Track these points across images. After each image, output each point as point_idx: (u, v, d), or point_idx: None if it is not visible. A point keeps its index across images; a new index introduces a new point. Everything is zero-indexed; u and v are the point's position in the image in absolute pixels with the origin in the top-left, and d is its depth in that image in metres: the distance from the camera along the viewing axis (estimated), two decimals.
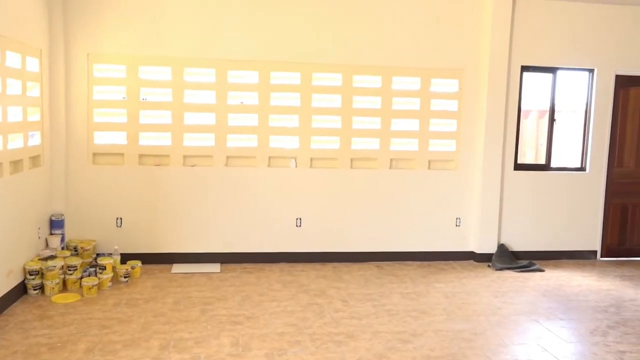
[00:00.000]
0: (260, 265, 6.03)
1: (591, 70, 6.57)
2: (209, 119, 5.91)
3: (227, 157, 5.97)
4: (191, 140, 5.91)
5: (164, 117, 5.83)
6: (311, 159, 6.11)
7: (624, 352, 4.01)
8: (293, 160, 6.09)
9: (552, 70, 6.50)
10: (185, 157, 5.90)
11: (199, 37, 5.79)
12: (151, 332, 4.11)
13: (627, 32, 6.52)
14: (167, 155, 5.88)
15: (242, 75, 5.92)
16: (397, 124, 6.23)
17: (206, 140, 5.93)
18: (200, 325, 4.26)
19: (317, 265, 6.09)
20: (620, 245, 6.82)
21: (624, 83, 6.62)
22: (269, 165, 6.05)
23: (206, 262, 5.97)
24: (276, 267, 5.96)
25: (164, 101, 5.82)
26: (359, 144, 6.20)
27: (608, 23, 6.47)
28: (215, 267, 5.85)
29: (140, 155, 5.83)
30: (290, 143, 6.08)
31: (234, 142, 5.98)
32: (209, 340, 3.99)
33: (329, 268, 6.01)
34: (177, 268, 5.79)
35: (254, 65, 5.90)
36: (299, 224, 6.15)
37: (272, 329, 4.23)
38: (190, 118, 5.87)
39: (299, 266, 6.04)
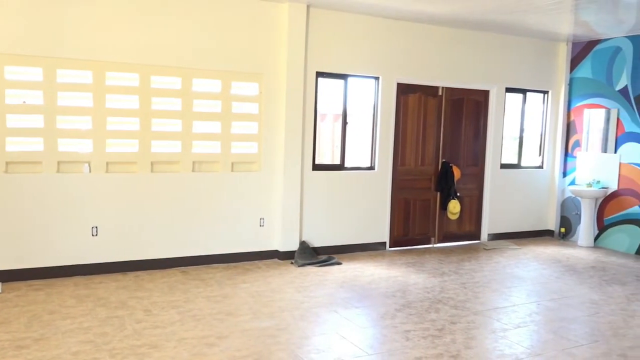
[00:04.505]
0: (51, 280, 5.49)
1: (377, 78, 7.21)
2: None
3: (7, 163, 5.32)
4: None
5: None
6: (107, 163, 5.75)
7: (409, 331, 4.48)
8: (87, 165, 5.66)
9: (343, 76, 6.99)
10: None
11: None
12: None
13: (406, 44, 7.29)
14: None
15: (24, 71, 5.33)
16: (199, 127, 6.16)
17: None
18: None
19: (118, 276, 5.75)
20: (404, 236, 7.62)
21: (403, 90, 7.40)
22: (58, 171, 5.53)
23: None
24: (70, 281, 5.49)
25: None
26: (160, 147, 5.99)
27: (390, 35, 7.17)
28: None
29: None
30: (83, 147, 5.64)
31: (15, 145, 5.36)
32: None
33: (130, 278, 5.71)
34: None
35: (36, 62, 5.35)
36: (94, 233, 5.74)
37: (65, 349, 3.88)
38: None
39: (97, 278, 5.64)
